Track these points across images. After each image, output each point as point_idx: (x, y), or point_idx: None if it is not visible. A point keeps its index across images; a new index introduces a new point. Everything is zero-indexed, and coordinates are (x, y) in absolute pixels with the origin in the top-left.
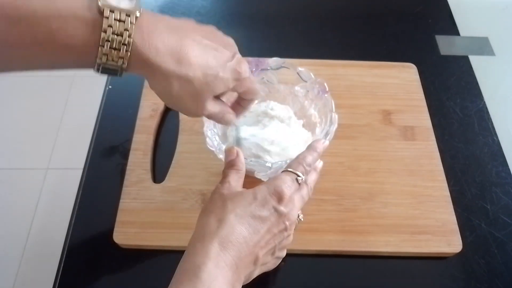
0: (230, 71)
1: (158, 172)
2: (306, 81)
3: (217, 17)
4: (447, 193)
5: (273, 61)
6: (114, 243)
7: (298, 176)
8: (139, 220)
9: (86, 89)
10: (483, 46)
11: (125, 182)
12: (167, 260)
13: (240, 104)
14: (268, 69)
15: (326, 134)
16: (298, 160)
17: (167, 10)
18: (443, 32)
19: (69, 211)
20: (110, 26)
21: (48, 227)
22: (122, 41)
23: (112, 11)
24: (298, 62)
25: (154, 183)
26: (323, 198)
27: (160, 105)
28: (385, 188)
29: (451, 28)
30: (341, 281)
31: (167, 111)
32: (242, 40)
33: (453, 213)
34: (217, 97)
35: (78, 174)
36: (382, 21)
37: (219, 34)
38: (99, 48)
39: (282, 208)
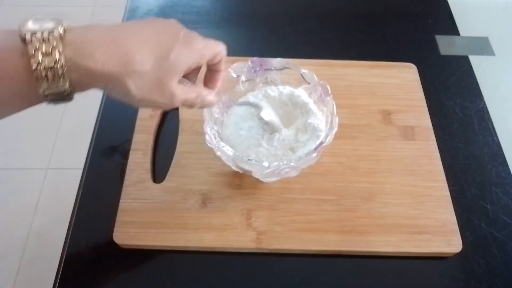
0: (184, 48)
1: (158, 172)
2: (309, 83)
3: (217, 17)
4: (447, 193)
5: (277, 61)
6: (114, 243)
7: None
8: (139, 220)
9: None
10: (483, 46)
11: (125, 182)
12: (167, 260)
13: (212, 78)
14: (272, 70)
15: (326, 137)
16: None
17: (167, 10)
18: (443, 32)
19: (69, 211)
20: (36, 49)
21: (48, 227)
22: (55, 60)
23: (34, 33)
24: (298, 62)
25: (154, 183)
26: (323, 198)
27: None
28: (385, 188)
29: (451, 28)
30: (341, 281)
31: (167, 111)
32: (242, 40)
33: (453, 213)
34: (184, 81)
35: (78, 174)
36: (382, 21)
37: (160, 19)
38: (35, 76)
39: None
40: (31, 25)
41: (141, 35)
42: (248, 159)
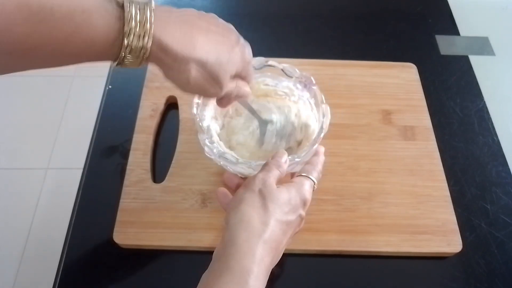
0: (238, 54)
1: (158, 172)
2: (291, 77)
3: None
4: (447, 193)
5: (256, 60)
6: (114, 243)
7: (315, 183)
8: (139, 220)
9: (86, 89)
10: (483, 46)
11: (125, 182)
12: (167, 260)
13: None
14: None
15: (321, 128)
16: (313, 166)
17: None
18: (443, 32)
19: (69, 211)
20: (132, 17)
21: (48, 227)
22: (145, 30)
23: (131, 2)
24: (298, 62)
25: (154, 183)
26: (323, 198)
27: (160, 105)
28: (385, 188)
29: (451, 28)
30: (341, 281)
31: (167, 111)
32: None
33: (453, 213)
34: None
35: (78, 174)
36: (382, 21)
37: (220, 21)
38: (124, 39)
39: (303, 213)
40: None
41: (210, 31)
42: (254, 163)
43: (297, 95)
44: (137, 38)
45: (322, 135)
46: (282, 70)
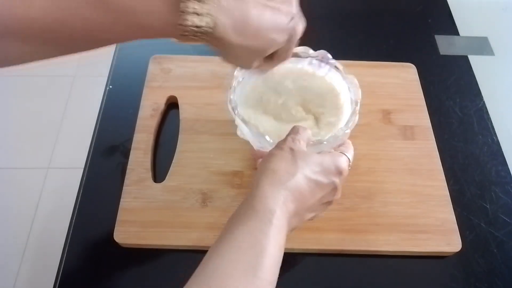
0: (288, 34)
1: (159, 171)
2: (306, 58)
3: None
4: (446, 192)
5: None
6: (115, 242)
7: (350, 161)
8: (140, 219)
9: (86, 89)
10: (483, 46)
11: (126, 181)
12: (167, 259)
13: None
14: None
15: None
16: (349, 145)
17: None
18: (442, 32)
19: (70, 210)
20: (189, 8)
21: (48, 227)
22: (203, 11)
23: None
24: None
25: (154, 183)
26: None
27: (161, 105)
28: (385, 187)
29: (451, 28)
30: (341, 280)
31: (167, 110)
32: None
33: (453, 212)
34: None
35: (78, 174)
36: (382, 21)
37: None
38: (182, 29)
39: (338, 181)
40: None
41: (265, 6)
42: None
43: (323, 66)
44: (196, 18)
45: (358, 107)
46: (298, 53)
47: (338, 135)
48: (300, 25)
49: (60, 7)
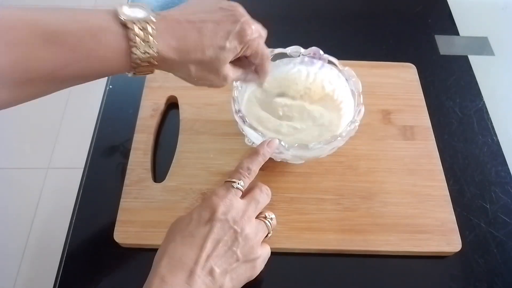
0: (235, 38)
1: (159, 171)
2: (297, 56)
3: None
4: (446, 192)
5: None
6: (115, 242)
7: (233, 182)
8: (140, 219)
9: (86, 89)
10: (483, 46)
11: (126, 182)
12: None
13: (256, 70)
14: None
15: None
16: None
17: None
18: (442, 32)
19: (70, 210)
20: (136, 33)
21: (48, 227)
22: (149, 44)
23: (133, 21)
24: None
25: (154, 183)
26: (322, 197)
27: (161, 105)
28: (385, 188)
29: (451, 28)
30: (340, 280)
31: (167, 111)
32: None
33: (453, 212)
34: (236, 62)
35: (78, 174)
36: (382, 21)
37: (223, 3)
38: (131, 54)
39: (219, 216)
40: (127, 11)
41: (205, 22)
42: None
43: (316, 62)
44: (143, 52)
45: (361, 98)
46: (288, 54)
47: (350, 128)
48: (248, 28)
49: (19, 51)
